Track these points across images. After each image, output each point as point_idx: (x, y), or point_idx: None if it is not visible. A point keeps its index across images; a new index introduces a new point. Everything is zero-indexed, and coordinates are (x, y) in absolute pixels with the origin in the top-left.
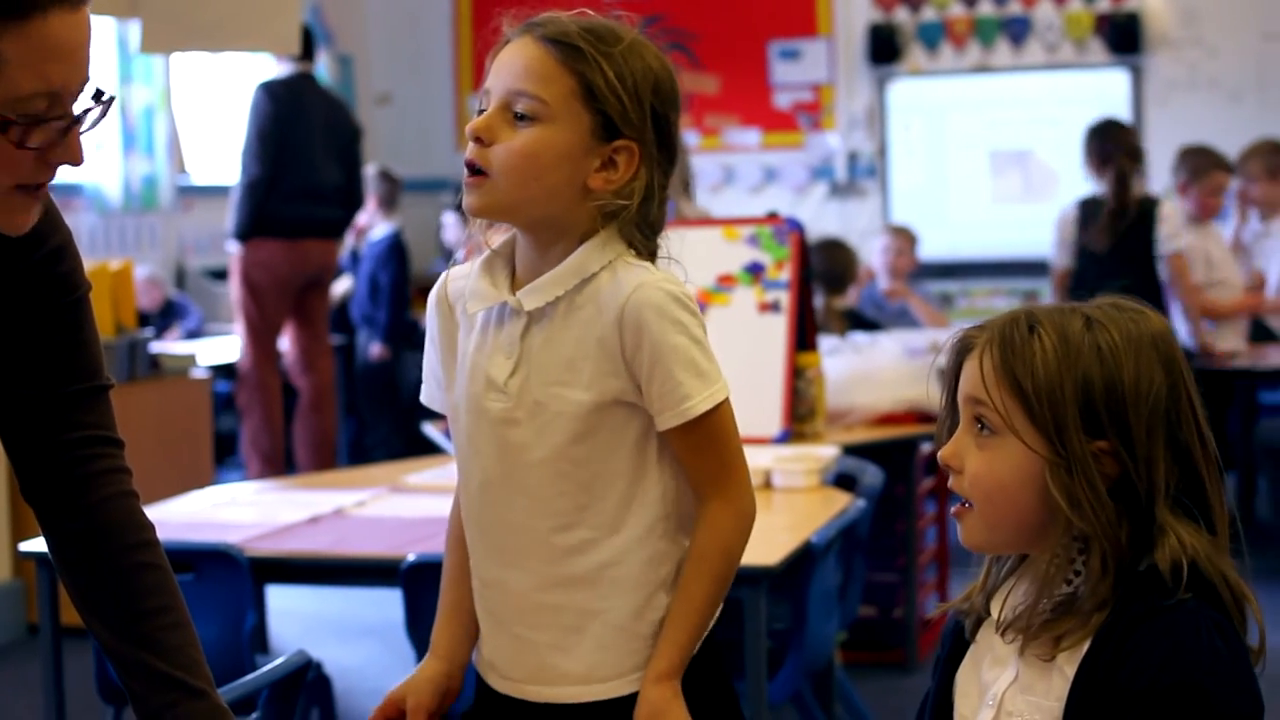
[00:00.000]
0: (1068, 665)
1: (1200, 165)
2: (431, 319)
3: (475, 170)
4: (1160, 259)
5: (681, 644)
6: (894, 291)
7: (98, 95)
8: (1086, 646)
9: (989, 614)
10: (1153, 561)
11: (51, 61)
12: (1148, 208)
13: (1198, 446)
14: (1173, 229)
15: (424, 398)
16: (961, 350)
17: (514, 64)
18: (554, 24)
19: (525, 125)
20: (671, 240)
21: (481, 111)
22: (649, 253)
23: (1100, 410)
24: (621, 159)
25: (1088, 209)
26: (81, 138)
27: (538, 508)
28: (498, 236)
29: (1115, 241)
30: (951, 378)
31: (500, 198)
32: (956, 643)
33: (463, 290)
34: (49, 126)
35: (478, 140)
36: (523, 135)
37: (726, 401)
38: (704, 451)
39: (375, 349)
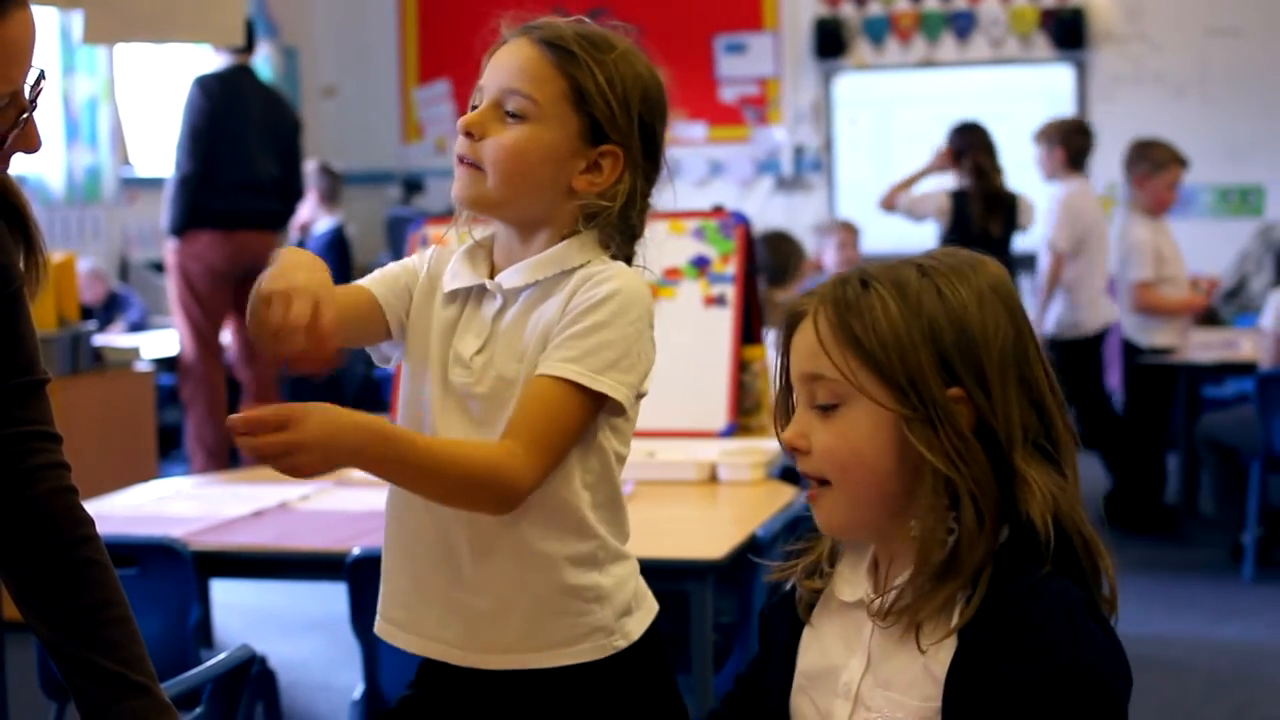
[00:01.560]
0: (934, 663)
1: (1162, 159)
2: (415, 261)
3: (465, 163)
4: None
5: (378, 440)
6: None
7: (40, 76)
8: (954, 645)
9: (828, 591)
10: (1018, 526)
11: (13, 64)
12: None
13: (1047, 389)
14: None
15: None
16: (791, 322)
17: (509, 63)
18: (550, 28)
19: (515, 123)
20: (648, 246)
21: (475, 108)
22: (625, 257)
23: (953, 356)
24: (606, 163)
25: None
26: (36, 123)
27: None
28: (479, 231)
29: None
30: (784, 355)
31: (488, 191)
32: (793, 618)
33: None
34: (5, 119)
35: (468, 134)
36: (512, 132)
37: (596, 402)
38: (542, 412)
39: None
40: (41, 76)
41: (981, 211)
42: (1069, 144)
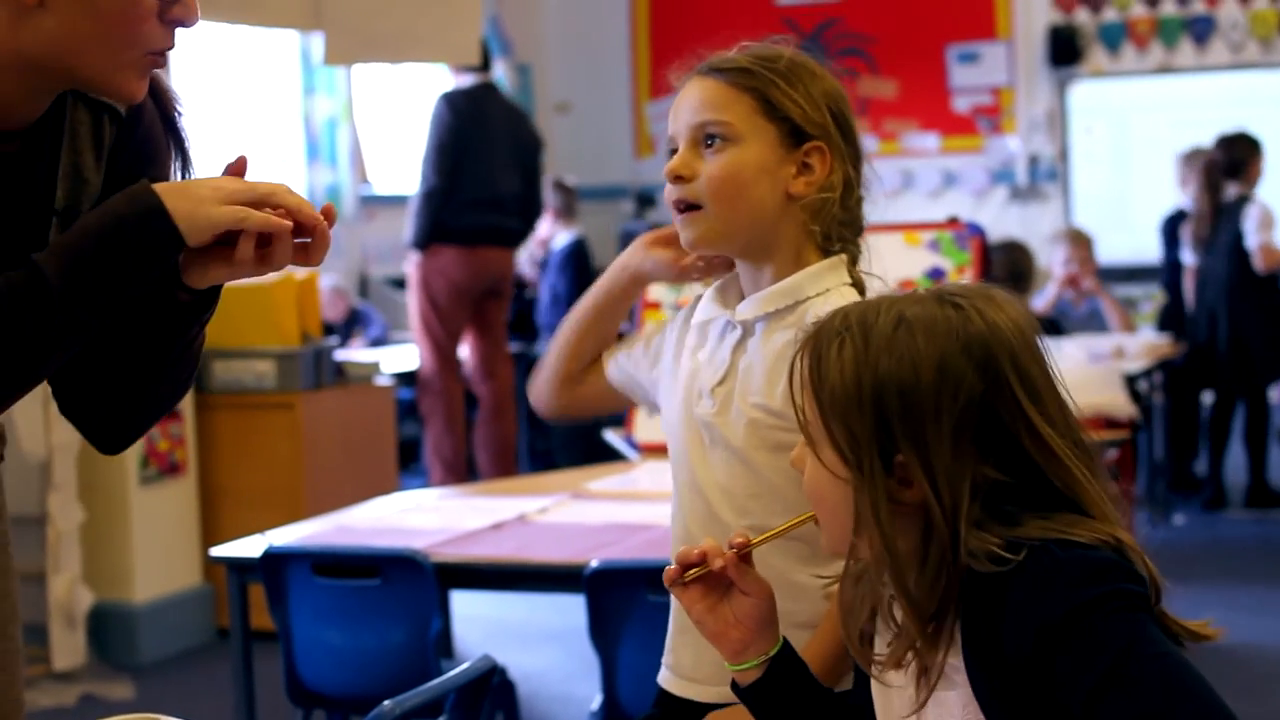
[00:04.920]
0: (954, 673)
1: None
2: (673, 322)
3: (684, 207)
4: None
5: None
6: (1091, 288)
7: None
8: (960, 658)
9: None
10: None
11: None
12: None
13: (1036, 444)
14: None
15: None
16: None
17: (691, 103)
18: (717, 59)
19: (717, 151)
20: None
21: (672, 153)
22: (852, 257)
23: (894, 421)
24: (815, 160)
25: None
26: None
27: (724, 502)
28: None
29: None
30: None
31: (714, 224)
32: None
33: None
34: None
35: (678, 179)
36: (718, 160)
37: None
38: None
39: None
40: None
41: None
42: None
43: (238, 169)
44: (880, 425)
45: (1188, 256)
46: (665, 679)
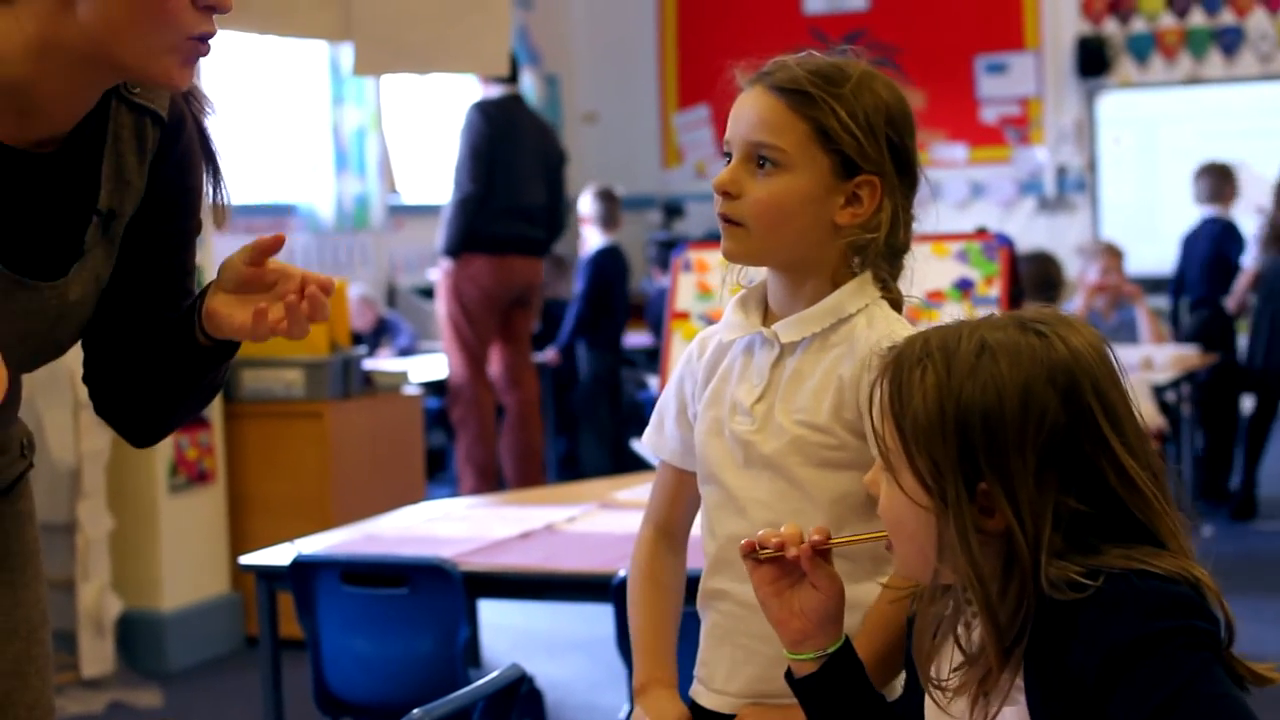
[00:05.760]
0: (1015, 690)
1: None
2: (681, 366)
3: (728, 221)
4: None
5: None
6: (1131, 293)
7: None
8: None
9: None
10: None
11: None
12: None
13: (1119, 477)
14: None
15: (644, 439)
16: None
17: (749, 115)
18: (783, 71)
19: (768, 175)
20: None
21: (728, 156)
22: (893, 275)
23: (978, 449)
24: (865, 193)
25: None
26: None
27: (767, 519)
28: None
29: None
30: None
31: (755, 244)
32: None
33: (709, 339)
34: None
35: (725, 194)
36: (767, 184)
37: None
38: None
39: (548, 354)
40: None
41: None
42: None
43: (270, 247)
44: (964, 453)
45: (1247, 260)
46: (697, 692)
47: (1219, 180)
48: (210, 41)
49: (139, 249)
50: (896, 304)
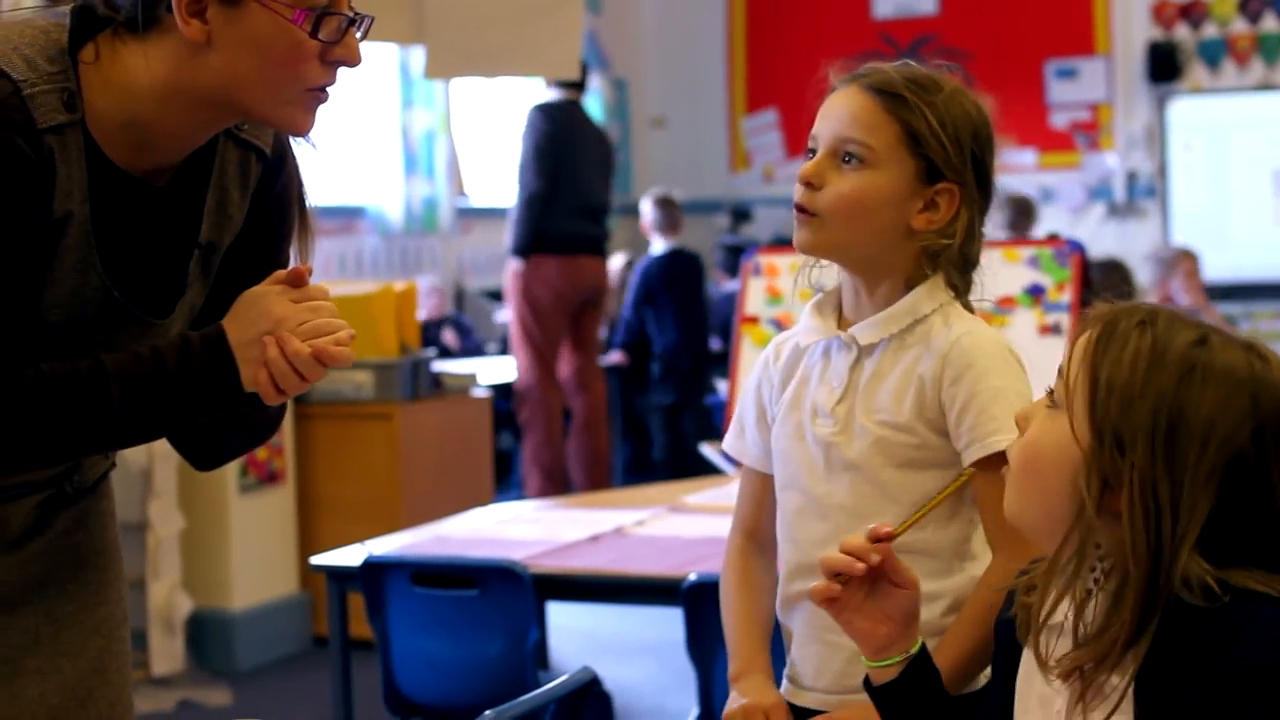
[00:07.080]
0: (1113, 691)
1: None
2: (758, 371)
3: (804, 212)
4: None
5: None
6: (1195, 303)
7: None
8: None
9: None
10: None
11: None
12: None
13: None
14: None
15: (726, 445)
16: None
17: (841, 112)
18: (879, 74)
19: (852, 170)
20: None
21: (811, 152)
22: (965, 288)
23: (1160, 436)
24: (943, 201)
25: None
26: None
27: (850, 523)
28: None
29: None
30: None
31: (829, 236)
32: (1011, 640)
33: (784, 344)
34: (334, 19)
35: (808, 184)
36: (850, 179)
37: None
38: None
39: (613, 356)
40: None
41: None
42: None
43: (296, 279)
44: (1150, 424)
45: None
46: (787, 691)
47: None
48: (330, 89)
49: (228, 280)
50: (967, 310)
